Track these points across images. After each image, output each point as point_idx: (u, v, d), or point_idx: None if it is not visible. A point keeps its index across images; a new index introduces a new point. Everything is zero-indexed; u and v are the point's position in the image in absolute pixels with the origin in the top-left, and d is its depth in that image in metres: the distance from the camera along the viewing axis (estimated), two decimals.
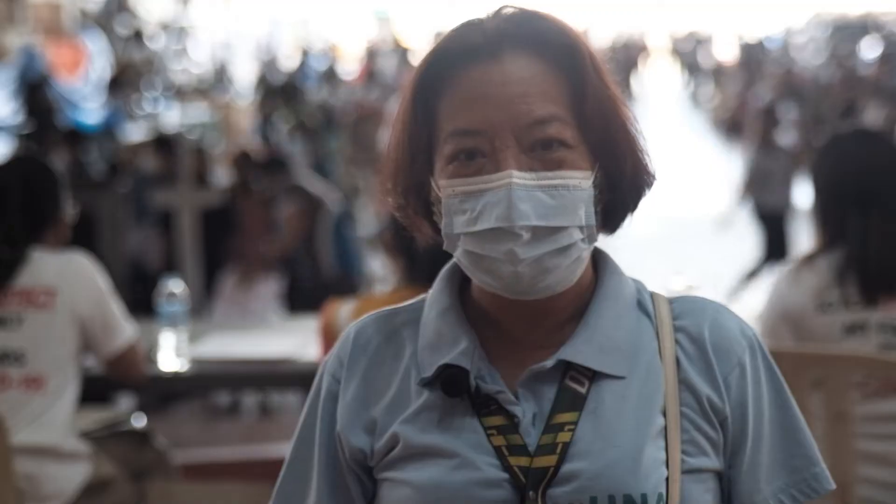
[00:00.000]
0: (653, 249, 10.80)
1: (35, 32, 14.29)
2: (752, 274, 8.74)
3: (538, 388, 1.42)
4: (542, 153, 1.40)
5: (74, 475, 3.20)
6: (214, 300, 6.62)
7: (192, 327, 3.96)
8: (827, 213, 3.01)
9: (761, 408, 1.47)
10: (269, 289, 6.58)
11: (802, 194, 12.55)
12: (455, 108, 1.41)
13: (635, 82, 26.93)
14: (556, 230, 1.39)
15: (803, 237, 8.96)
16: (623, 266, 1.55)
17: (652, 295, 1.51)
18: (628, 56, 27.40)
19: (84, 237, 5.99)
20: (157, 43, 18.34)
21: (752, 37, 27.23)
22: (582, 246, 1.42)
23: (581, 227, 1.41)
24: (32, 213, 3.29)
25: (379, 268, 7.75)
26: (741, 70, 21.26)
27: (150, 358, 3.68)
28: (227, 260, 6.77)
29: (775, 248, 8.83)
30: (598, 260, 1.50)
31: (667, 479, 1.39)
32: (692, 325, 1.47)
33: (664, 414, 1.42)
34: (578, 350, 1.43)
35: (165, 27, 19.38)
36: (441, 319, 1.47)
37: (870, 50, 20.06)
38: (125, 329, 3.30)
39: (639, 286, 1.51)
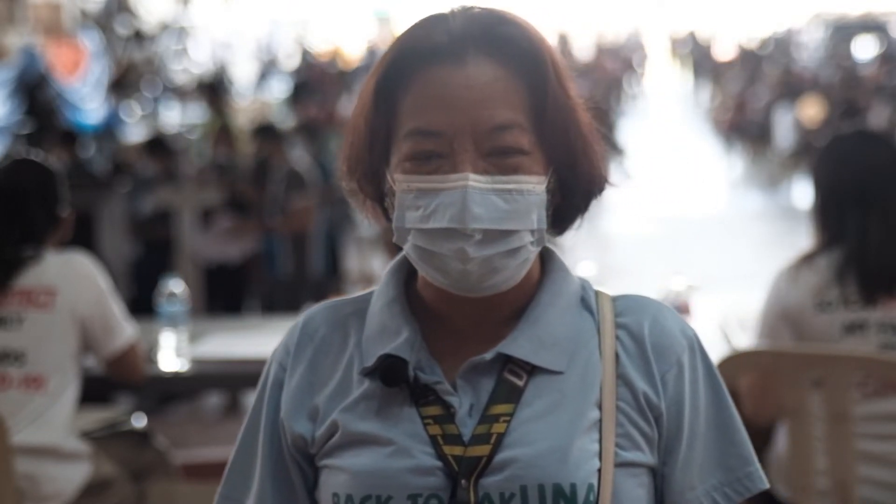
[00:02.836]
0: (653, 249, 10.80)
1: (35, 32, 14.29)
2: None
3: (477, 380, 1.45)
4: (498, 158, 1.42)
5: (74, 475, 3.20)
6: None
7: (192, 327, 3.96)
8: (827, 212, 3.01)
9: (698, 407, 1.48)
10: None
11: (803, 194, 12.57)
12: (416, 108, 1.43)
13: (635, 82, 26.92)
14: (507, 233, 1.42)
15: (803, 237, 8.95)
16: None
17: (597, 293, 1.53)
18: (628, 56, 27.38)
19: (84, 237, 6.00)
20: (158, 43, 18.34)
21: (751, 36, 27.23)
22: (531, 248, 1.45)
23: (532, 231, 1.44)
24: (33, 213, 3.29)
25: (379, 267, 7.76)
26: (741, 70, 21.25)
27: (150, 358, 3.68)
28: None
29: None
30: (545, 258, 1.53)
31: (599, 470, 1.42)
32: (633, 322, 1.49)
33: (600, 407, 1.44)
34: (518, 345, 1.45)
35: (165, 27, 19.38)
36: (385, 311, 1.50)
37: (870, 50, 20.07)
38: (125, 329, 3.30)
39: (584, 284, 1.54)
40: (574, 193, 1.48)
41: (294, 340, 1.53)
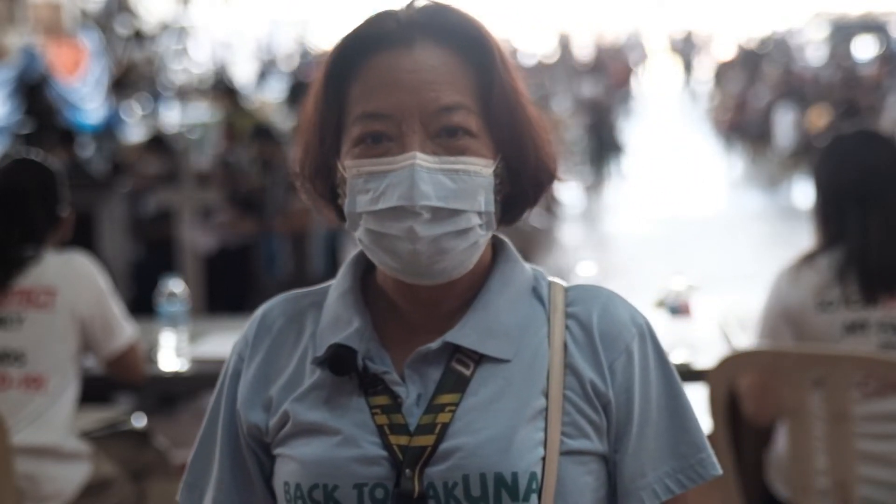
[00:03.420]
0: (653, 249, 10.80)
1: (35, 32, 14.29)
2: None
3: (425, 370, 1.47)
4: (446, 139, 1.44)
5: (74, 475, 3.20)
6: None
7: (192, 327, 3.96)
8: (828, 212, 3.01)
9: (648, 394, 1.50)
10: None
11: (803, 194, 12.57)
12: (365, 92, 1.45)
13: (635, 82, 26.93)
14: (455, 213, 1.44)
15: (804, 237, 8.96)
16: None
17: (550, 283, 1.55)
18: (628, 56, 27.39)
19: (84, 237, 6.00)
20: (158, 43, 18.34)
21: (751, 36, 27.23)
22: (480, 232, 1.46)
23: (480, 213, 1.46)
24: (33, 213, 3.29)
25: None
26: (741, 70, 21.25)
27: (150, 358, 3.68)
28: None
29: None
30: (497, 248, 1.55)
31: (544, 459, 1.43)
32: (582, 311, 1.51)
33: (546, 396, 1.46)
34: (465, 334, 1.47)
35: (166, 27, 19.38)
36: (340, 301, 1.52)
37: (870, 50, 20.06)
38: (125, 329, 3.30)
39: (537, 274, 1.56)
40: (522, 182, 1.50)
41: (252, 332, 1.56)
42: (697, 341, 3.61)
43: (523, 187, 1.50)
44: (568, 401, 1.46)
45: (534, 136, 1.49)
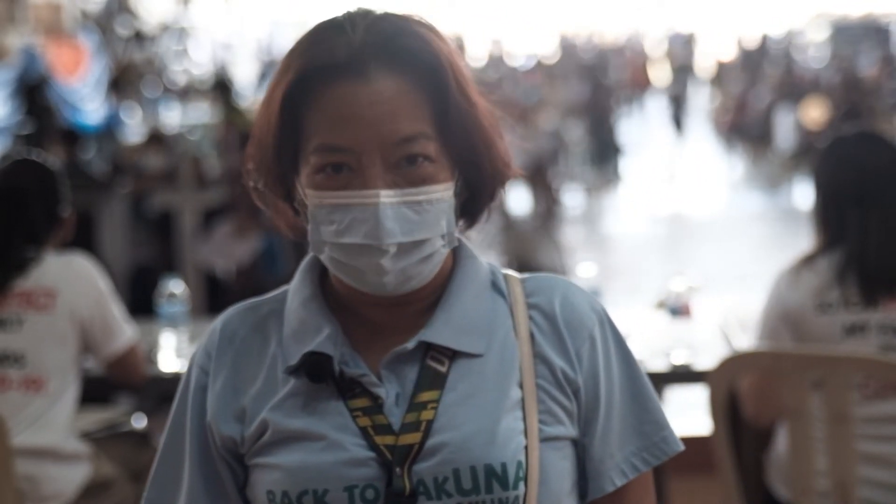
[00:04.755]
0: (653, 250, 10.80)
1: (35, 33, 14.28)
2: None
3: (401, 370, 1.49)
4: (406, 168, 1.45)
5: (75, 476, 3.21)
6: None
7: (192, 327, 3.96)
8: (827, 213, 3.01)
9: (612, 377, 1.54)
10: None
11: (803, 195, 12.57)
12: (323, 124, 1.45)
13: (635, 83, 26.94)
14: (420, 242, 1.46)
15: (803, 238, 8.96)
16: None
17: (505, 276, 1.58)
18: (628, 57, 27.41)
19: (84, 237, 6.00)
20: (158, 44, 18.34)
21: (752, 37, 27.24)
22: (443, 251, 1.50)
23: (442, 235, 1.48)
24: (33, 213, 3.29)
25: None
26: (741, 71, 21.25)
27: (151, 358, 3.68)
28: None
29: None
30: (455, 247, 1.56)
31: (526, 447, 1.47)
32: (544, 301, 1.54)
33: (521, 387, 1.49)
34: (438, 331, 1.49)
35: (166, 28, 19.39)
36: (303, 309, 1.53)
37: (871, 51, 20.07)
38: (125, 331, 3.30)
39: (493, 268, 1.59)
40: (480, 190, 1.53)
41: (214, 344, 1.56)
42: (697, 342, 3.61)
43: (482, 195, 1.53)
44: (541, 389, 1.50)
45: (488, 147, 1.51)
